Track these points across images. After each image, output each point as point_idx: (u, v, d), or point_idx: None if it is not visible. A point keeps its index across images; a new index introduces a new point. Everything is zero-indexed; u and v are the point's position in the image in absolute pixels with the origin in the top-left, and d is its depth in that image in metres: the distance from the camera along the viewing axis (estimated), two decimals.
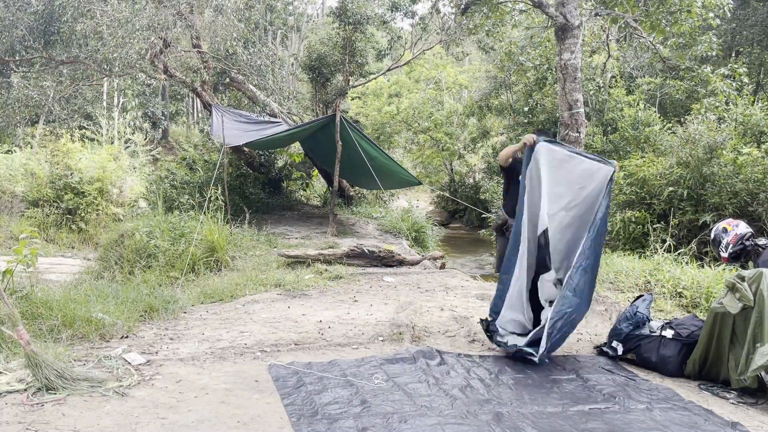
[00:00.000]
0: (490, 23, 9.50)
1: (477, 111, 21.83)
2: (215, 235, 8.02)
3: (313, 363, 4.06)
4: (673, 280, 6.36)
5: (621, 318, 4.43)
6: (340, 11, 13.21)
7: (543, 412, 3.34)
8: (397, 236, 11.19)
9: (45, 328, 4.27)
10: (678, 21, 7.49)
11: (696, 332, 3.95)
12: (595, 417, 3.30)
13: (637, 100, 14.12)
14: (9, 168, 13.79)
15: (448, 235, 18.65)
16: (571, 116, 6.99)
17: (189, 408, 3.27)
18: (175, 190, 11.49)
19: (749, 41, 16.86)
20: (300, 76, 19.40)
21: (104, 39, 9.22)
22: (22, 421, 3.01)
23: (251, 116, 12.40)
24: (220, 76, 12.68)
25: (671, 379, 3.94)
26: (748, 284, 3.54)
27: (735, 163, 8.86)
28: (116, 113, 19.65)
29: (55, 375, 3.38)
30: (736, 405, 3.50)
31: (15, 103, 10.46)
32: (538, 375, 3.97)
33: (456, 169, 24.54)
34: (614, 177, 4.31)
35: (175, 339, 4.61)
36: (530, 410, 3.36)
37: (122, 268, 7.87)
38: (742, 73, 10.21)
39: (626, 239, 9.32)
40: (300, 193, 15.41)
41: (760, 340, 3.42)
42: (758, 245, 4.10)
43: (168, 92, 26.29)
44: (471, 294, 6.49)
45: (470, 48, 18.67)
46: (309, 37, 27.39)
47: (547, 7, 7.20)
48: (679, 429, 3.15)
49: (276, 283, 6.81)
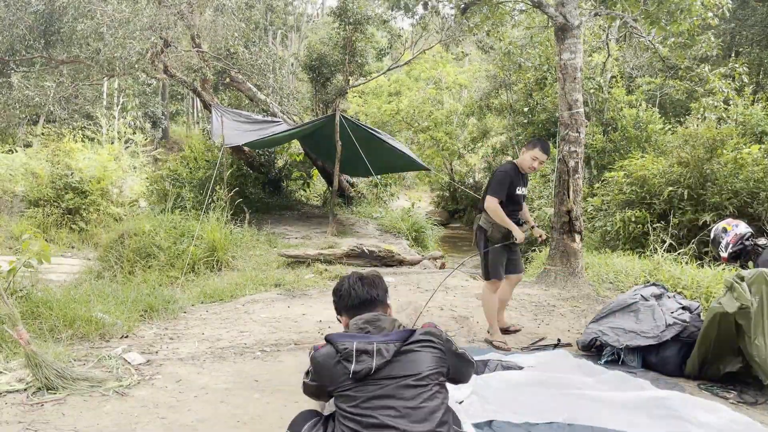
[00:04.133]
0: (489, 23, 9.49)
1: (477, 111, 21.83)
2: (215, 234, 8.02)
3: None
4: (673, 280, 6.36)
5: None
6: (340, 11, 13.22)
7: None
8: (397, 236, 11.19)
9: (45, 328, 4.27)
10: (677, 20, 7.48)
11: (696, 332, 3.95)
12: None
13: (638, 100, 14.12)
14: (9, 168, 13.78)
15: (448, 235, 18.65)
16: (571, 116, 6.98)
17: (189, 408, 3.28)
18: (176, 190, 11.49)
19: (749, 41, 16.86)
20: (300, 76, 19.42)
21: (105, 39, 9.23)
22: (22, 420, 3.01)
23: (251, 116, 12.40)
24: (220, 76, 12.69)
25: (671, 379, 3.94)
26: (748, 284, 3.54)
27: (735, 162, 8.85)
28: (116, 113, 19.66)
29: (54, 375, 3.38)
30: (736, 405, 3.50)
31: (15, 103, 10.47)
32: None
33: (456, 168, 24.55)
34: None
35: (175, 339, 4.62)
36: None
37: (122, 268, 7.87)
38: (743, 72, 10.19)
39: (626, 239, 9.31)
40: (300, 193, 15.42)
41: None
42: (758, 245, 4.09)
43: (168, 92, 26.30)
44: (471, 294, 6.49)
45: (470, 48, 18.69)
46: (309, 37, 27.42)
47: (546, 7, 7.20)
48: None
49: (276, 283, 6.81)
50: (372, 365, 2.08)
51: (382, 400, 2.06)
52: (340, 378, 2.12)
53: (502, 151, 21.68)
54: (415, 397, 2.07)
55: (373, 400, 2.06)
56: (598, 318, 4.40)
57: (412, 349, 2.15)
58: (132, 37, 9.16)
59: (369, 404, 2.06)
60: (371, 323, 2.28)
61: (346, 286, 2.45)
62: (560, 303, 6.10)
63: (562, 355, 4.20)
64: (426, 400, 2.07)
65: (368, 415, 2.04)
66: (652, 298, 4.27)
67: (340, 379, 2.12)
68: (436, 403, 2.09)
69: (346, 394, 2.11)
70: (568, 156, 6.98)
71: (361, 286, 2.42)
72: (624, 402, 3.27)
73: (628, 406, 3.23)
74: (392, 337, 2.18)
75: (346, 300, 2.43)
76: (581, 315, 5.68)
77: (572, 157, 6.97)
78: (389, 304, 2.51)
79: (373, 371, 2.08)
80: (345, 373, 2.11)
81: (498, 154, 21.77)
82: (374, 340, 2.15)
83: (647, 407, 3.20)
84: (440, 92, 24.77)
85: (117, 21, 9.15)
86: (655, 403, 3.23)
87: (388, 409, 2.04)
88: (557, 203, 7.18)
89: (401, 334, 2.20)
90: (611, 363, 4.09)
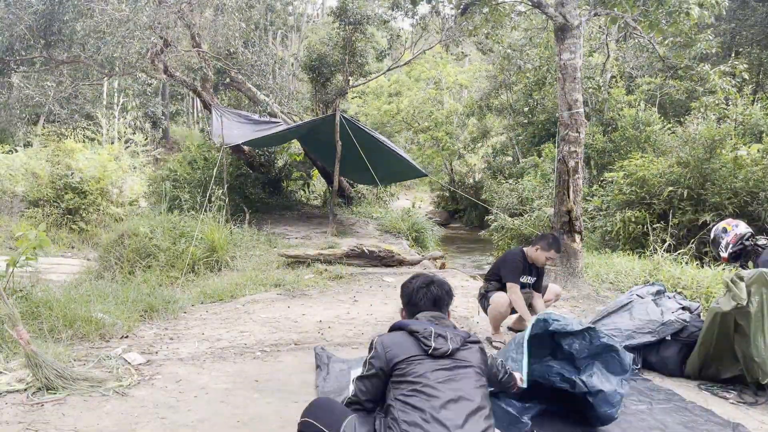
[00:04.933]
0: (489, 26, 9.49)
1: (477, 111, 21.84)
2: (215, 234, 8.02)
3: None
4: (673, 280, 6.36)
5: None
6: (340, 11, 13.21)
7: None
8: (397, 236, 11.19)
9: (45, 328, 4.27)
10: (676, 21, 7.48)
11: (696, 332, 3.95)
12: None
13: (638, 100, 14.12)
14: (9, 168, 13.78)
15: (448, 235, 18.65)
16: (571, 116, 6.98)
17: (189, 408, 3.28)
18: (176, 190, 11.50)
19: (749, 41, 16.84)
20: (300, 76, 19.41)
21: (105, 39, 9.23)
22: (22, 420, 3.01)
23: (251, 116, 12.41)
24: (220, 76, 12.69)
25: (671, 379, 3.94)
26: (747, 284, 3.54)
27: (735, 162, 8.85)
28: (117, 113, 19.66)
29: (54, 375, 3.38)
30: (736, 405, 3.50)
31: (15, 103, 10.47)
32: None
33: (456, 168, 24.55)
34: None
35: (175, 339, 4.62)
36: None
37: (122, 268, 7.86)
38: (743, 69, 10.19)
39: (626, 239, 9.32)
40: (300, 193, 15.42)
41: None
42: (758, 245, 4.09)
43: (168, 92, 26.30)
44: (471, 294, 6.49)
45: (470, 48, 18.69)
46: (309, 37, 27.41)
47: (546, 7, 7.20)
48: (681, 429, 3.15)
49: (276, 283, 6.81)
50: (449, 347, 2.33)
51: (445, 372, 2.28)
52: (415, 352, 2.32)
53: (502, 151, 21.69)
54: (470, 378, 2.31)
55: (441, 380, 2.26)
56: (595, 320, 4.38)
57: (468, 346, 2.42)
58: (132, 36, 9.16)
59: (436, 382, 2.24)
60: (437, 319, 2.52)
61: (423, 283, 2.65)
62: (560, 303, 6.10)
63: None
64: (476, 381, 2.33)
65: (436, 383, 2.24)
66: (648, 296, 4.27)
67: (415, 353, 2.31)
68: (482, 384, 2.36)
69: (414, 363, 2.29)
70: (568, 156, 6.98)
71: (437, 287, 2.63)
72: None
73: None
74: (459, 332, 2.45)
75: (423, 294, 2.61)
76: (581, 315, 5.68)
77: (572, 157, 6.97)
78: (450, 311, 2.71)
79: (449, 352, 2.31)
80: (423, 350, 2.31)
81: (498, 154, 21.78)
82: (447, 330, 2.41)
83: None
84: (440, 92, 24.77)
85: (117, 20, 9.15)
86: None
87: (449, 382, 2.25)
88: (557, 203, 7.18)
89: (464, 333, 2.48)
90: None
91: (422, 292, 2.60)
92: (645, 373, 4.04)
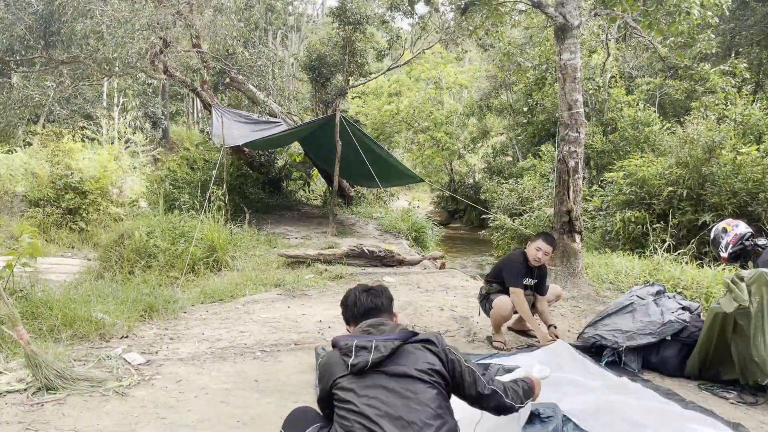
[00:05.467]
0: (489, 23, 9.48)
1: (477, 111, 21.85)
2: (215, 234, 8.02)
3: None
4: (673, 280, 6.36)
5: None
6: (339, 11, 13.21)
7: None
8: (397, 236, 11.19)
9: (45, 328, 4.27)
10: (676, 21, 7.48)
11: (696, 332, 3.95)
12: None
13: (637, 100, 14.12)
14: (9, 168, 13.79)
15: (448, 235, 18.65)
16: (571, 116, 6.98)
17: (189, 408, 3.28)
18: (176, 190, 11.50)
19: (749, 41, 16.84)
20: (300, 76, 19.40)
21: (104, 39, 9.22)
22: (22, 420, 3.01)
23: (251, 116, 12.41)
24: (220, 76, 12.69)
25: (671, 379, 3.94)
26: (747, 285, 3.54)
27: (734, 163, 8.85)
28: (116, 113, 19.66)
29: (54, 375, 3.38)
30: (736, 405, 3.50)
31: (15, 103, 10.46)
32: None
33: (456, 168, 24.55)
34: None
35: (175, 339, 4.62)
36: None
37: (122, 268, 7.86)
38: (743, 69, 10.18)
39: (626, 239, 9.32)
40: (300, 193, 15.42)
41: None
42: (758, 245, 4.09)
43: (168, 92, 26.28)
44: (471, 294, 6.49)
45: (470, 47, 18.69)
46: (309, 37, 27.42)
47: (546, 7, 7.20)
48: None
49: (276, 283, 6.81)
50: (369, 359, 2.15)
51: (375, 390, 2.11)
52: (341, 371, 2.19)
53: (502, 151, 21.70)
54: (409, 390, 2.11)
55: (368, 390, 2.12)
56: (595, 321, 4.38)
57: (410, 349, 2.22)
58: (131, 36, 9.16)
59: (364, 395, 2.11)
60: (374, 326, 2.37)
61: (352, 297, 2.58)
62: (560, 303, 6.09)
63: (563, 349, 4.17)
64: (420, 393, 2.11)
65: (363, 405, 2.08)
66: (648, 297, 4.27)
67: (342, 372, 2.19)
68: (430, 396, 2.12)
69: (342, 386, 2.17)
70: (568, 156, 6.98)
71: (366, 296, 2.54)
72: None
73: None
74: (393, 336, 2.25)
75: (352, 309, 2.55)
76: (581, 315, 5.68)
77: (572, 157, 6.97)
78: (395, 312, 2.61)
79: (369, 365, 2.14)
80: (344, 368, 2.18)
81: (498, 154, 21.78)
82: (374, 338, 2.24)
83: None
84: (440, 92, 24.76)
85: (116, 20, 9.15)
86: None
87: (380, 402, 2.08)
88: (557, 203, 7.18)
89: (402, 335, 2.27)
90: (612, 364, 4.08)
91: (354, 305, 2.53)
92: (645, 373, 4.04)
